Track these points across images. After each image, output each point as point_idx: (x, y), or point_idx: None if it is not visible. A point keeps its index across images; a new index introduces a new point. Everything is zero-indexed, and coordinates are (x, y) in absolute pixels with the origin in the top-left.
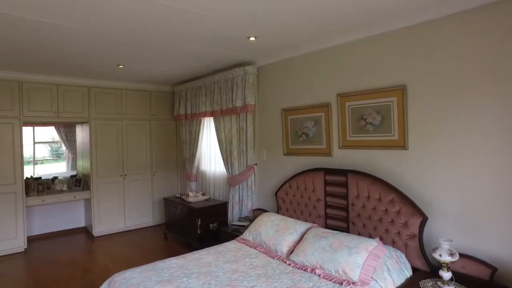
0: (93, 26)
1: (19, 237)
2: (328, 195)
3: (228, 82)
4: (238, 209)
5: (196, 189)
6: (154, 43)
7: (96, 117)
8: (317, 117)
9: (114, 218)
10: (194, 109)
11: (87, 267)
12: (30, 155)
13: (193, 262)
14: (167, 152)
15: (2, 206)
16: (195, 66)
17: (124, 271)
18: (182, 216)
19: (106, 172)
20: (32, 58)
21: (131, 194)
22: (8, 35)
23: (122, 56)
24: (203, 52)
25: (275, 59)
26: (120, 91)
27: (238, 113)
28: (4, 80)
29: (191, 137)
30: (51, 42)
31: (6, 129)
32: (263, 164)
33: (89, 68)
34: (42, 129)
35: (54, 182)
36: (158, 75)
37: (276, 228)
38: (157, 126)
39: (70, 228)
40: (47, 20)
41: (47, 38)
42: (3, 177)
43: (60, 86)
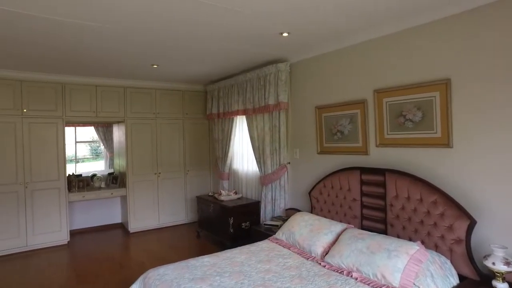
0: (127, 26)
1: (62, 231)
2: (364, 195)
3: (261, 80)
4: (271, 208)
5: (229, 187)
6: (186, 42)
7: (131, 116)
8: (352, 114)
9: (148, 215)
10: (226, 108)
11: (123, 262)
12: (72, 154)
13: (225, 261)
14: (200, 151)
15: (48, 200)
16: (227, 64)
17: (158, 267)
18: (214, 215)
19: (141, 170)
20: (74, 61)
21: (164, 192)
22: (52, 40)
23: (156, 56)
24: (235, 50)
25: (308, 55)
26: (154, 91)
27: (271, 111)
28: (49, 82)
29: (224, 135)
30: (90, 45)
31: (50, 129)
32: (296, 163)
33: (125, 69)
34: (83, 129)
35: (93, 179)
36: (191, 74)
37: (310, 228)
38: (190, 125)
39: (108, 223)
40: (87, 23)
41: (87, 41)
42: (48, 174)
43: (99, 86)
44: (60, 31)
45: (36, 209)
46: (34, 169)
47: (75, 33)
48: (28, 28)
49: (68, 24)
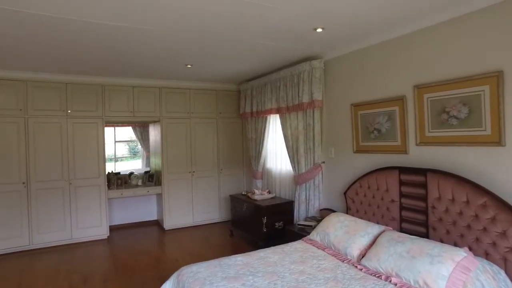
0: (164, 27)
1: (103, 226)
2: (403, 196)
3: (294, 78)
4: (305, 208)
5: (262, 187)
6: (220, 41)
7: (166, 116)
8: (390, 112)
9: (183, 213)
10: (259, 107)
11: (159, 258)
12: (112, 153)
13: (258, 260)
14: (233, 150)
15: (89, 197)
16: (260, 63)
17: (191, 265)
18: (247, 214)
19: (176, 168)
20: (113, 63)
21: (198, 191)
22: (93, 43)
23: (190, 55)
24: (268, 48)
25: (343, 51)
26: (189, 91)
27: (305, 110)
28: (91, 84)
29: (257, 134)
30: (129, 46)
31: (92, 128)
32: (331, 162)
33: (160, 69)
34: (122, 129)
35: (131, 177)
36: (224, 74)
37: (345, 229)
38: (223, 124)
39: (144, 220)
40: (125, 25)
41: (126, 43)
42: (90, 172)
43: (135, 87)
44: (101, 35)
45: (79, 204)
46: (77, 167)
47: (115, 36)
48: (71, 33)
49: (108, 27)
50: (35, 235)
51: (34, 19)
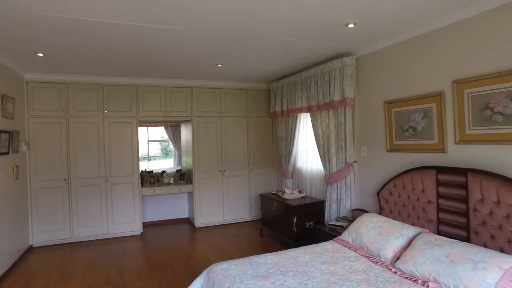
0: (194, 27)
1: (136, 222)
2: (441, 197)
3: (325, 76)
4: (336, 208)
5: (292, 186)
6: (250, 39)
7: (197, 115)
8: (426, 109)
9: (213, 211)
10: (290, 105)
11: (190, 255)
12: (145, 152)
13: (289, 260)
14: (263, 149)
15: (124, 194)
16: (291, 61)
17: (221, 262)
18: (278, 213)
19: (207, 167)
20: (147, 64)
21: (229, 189)
22: (128, 45)
23: (220, 55)
24: (298, 46)
25: (376, 47)
26: (219, 90)
27: (336, 108)
28: (125, 85)
29: (287, 133)
30: (162, 47)
31: (126, 128)
32: (363, 161)
33: (191, 69)
34: (154, 129)
35: (163, 175)
36: (254, 73)
37: (379, 230)
38: (254, 123)
39: (175, 218)
40: (158, 26)
41: (159, 43)
42: (125, 170)
43: (168, 87)
44: (135, 36)
45: (114, 201)
46: (113, 165)
47: (149, 37)
48: (107, 37)
49: (142, 29)
50: (76, 229)
51: (74, 24)
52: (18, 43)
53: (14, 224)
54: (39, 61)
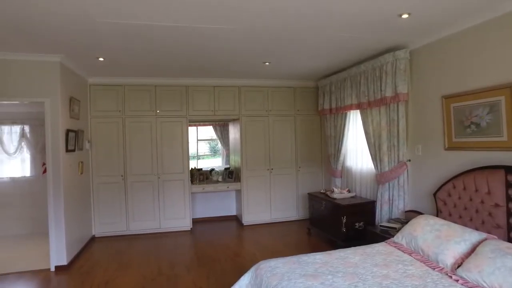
0: (243, 25)
1: (186, 218)
2: (511, 201)
3: (376, 71)
4: (388, 209)
5: (341, 185)
6: (299, 35)
7: (245, 114)
8: (493, 102)
9: (261, 209)
10: (339, 103)
11: (237, 251)
12: (194, 151)
13: (338, 260)
14: (311, 148)
15: (175, 190)
16: (340, 57)
17: (269, 260)
18: (326, 213)
19: (255, 165)
20: (196, 65)
21: (276, 188)
22: (180, 47)
23: (268, 53)
24: (348, 41)
25: (432, 38)
26: (267, 89)
27: (388, 104)
28: (176, 86)
29: (336, 131)
30: (211, 47)
31: (177, 127)
32: (418, 160)
33: (239, 68)
34: (203, 128)
35: (212, 173)
36: (302, 70)
37: (436, 234)
38: (301, 121)
39: (223, 215)
40: (208, 26)
41: (209, 43)
42: (176, 167)
43: (216, 87)
44: (185, 37)
45: (166, 197)
46: (165, 162)
47: (199, 37)
48: (160, 39)
49: (194, 30)
50: (131, 223)
51: (133, 29)
52: (83, 50)
53: (81, 215)
54: (100, 66)
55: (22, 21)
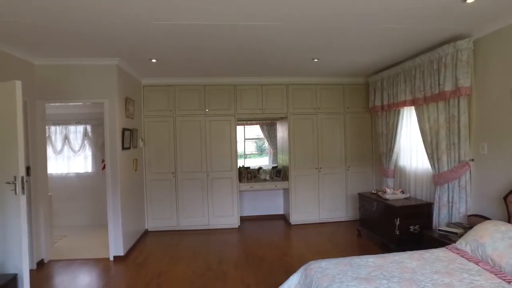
0: (290, 21)
1: (234, 216)
2: None
3: (433, 64)
4: (447, 212)
5: (394, 186)
6: (349, 29)
7: (293, 112)
8: None
9: (309, 209)
10: (391, 99)
11: (285, 251)
12: (242, 150)
13: (393, 264)
14: (361, 146)
15: (223, 188)
16: (393, 51)
17: (320, 260)
18: (377, 214)
19: (303, 164)
20: (244, 63)
21: (325, 187)
22: (227, 44)
23: (317, 48)
24: (403, 33)
25: (500, 25)
26: (315, 86)
27: (447, 99)
28: (224, 85)
29: (388, 129)
30: (259, 45)
31: (225, 125)
32: (483, 159)
33: (287, 65)
34: (250, 128)
35: (259, 171)
36: (352, 66)
37: (509, 242)
38: (351, 119)
39: (271, 214)
40: (256, 23)
41: (256, 41)
42: (224, 165)
43: (264, 85)
44: (233, 36)
45: (214, 195)
46: (214, 160)
47: (246, 35)
48: (211, 38)
49: (240, 28)
50: (181, 219)
51: (183, 29)
52: (138, 52)
53: (135, 209)
54: (153, 67)
55: (85, 29)
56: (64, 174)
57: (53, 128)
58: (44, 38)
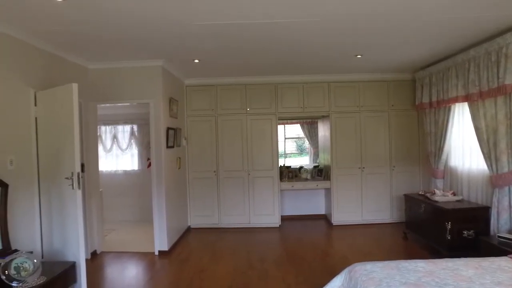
0: (330, 16)
1: (275, 215)
2: None
3: (491, 55)
4: (508, 217)
5: (444, 187)
6: (395, 22)
7: (335, 110)
8: None
9: (351, 209)
10: (441, 95)
11: (327, 252)
12: (282, 149)
13: (446, 271)
14: (407, 145)
15: (264, 187)
16: (443, 43)
17: (365, 263)
18: (426, 217)
19: (345, 164)
20: (285, 62)
21: (368, 188)
22: (268, 44)
23: (360, 43)
24: (455, 23)
25: None
26: (357, 84)
27: (508, 93)
28: (265, 84)
29: (437, 127)
30: (299, 42)
31: (266, 124)
32: None
33: (328, 63)
34: (290, 127)
35: (300, 171)
36: (397, 62)
37: None
38: (396, 117)
39: (312, 213)
40: (297, 20)
41: (296, 38)
42: (265, 164)
43: (305, 84)
44: (275, 34)
45: (256, 193)
46: (255, 159)
47: (287, 32)
48: (251, 36)
49: (281, 25)
50: (222, 216)
51: (225, 29)
52: (182, 53)
53: (179, 206)
54: (195, 67)
55: (135, 34)
56: (113, 171)
57: (103, 128)
58: (99, 45)
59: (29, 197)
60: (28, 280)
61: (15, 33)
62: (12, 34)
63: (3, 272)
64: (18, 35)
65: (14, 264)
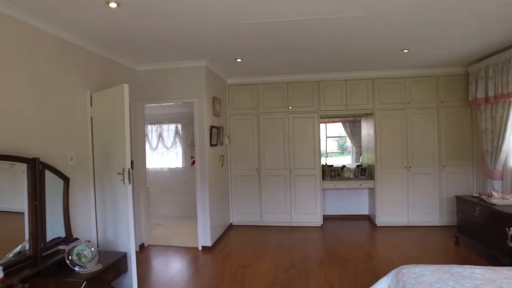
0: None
1: (317, 214)
2: None
3: None
4: None
5: (503, 189)
6: (446, 12)
7: (380, 107)
8: None
9: (397, 210)
10: (499, 90)
11: (370, 253)
12: (323, 148)
13: (508, 280)
14: (459, 144)
15: (306, 186)
16: (502, 32)
17: (413, 265)
18: (481, 220)
19: (390, 163)
20: (327, 59)
21: (415, 188)
22: (310, 41)
23: (408, 37)
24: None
25: None
26: (403, 80)
27: None
28: (306, 82)
29: (495, 124)
30: (343, 39)
31: (308, 122)
32: None
33: (372, 59)
34: (332, 126)
35: (343, 170)
36: (447, 55)
37: None
38: (446, 114)
39: (355, 214)
40: (344, 15)
41: (341, 35)
42: (307, 163)
43: (348, 81)
44: (316, 31)
45: (297, 192)
46: (296, 158)
47: (332, 28)
48: (292, 34)
49: (325, 22)
50: (264, 214)
51: (266, 27)
52: (224, 53)
53: (222, 203)
54: (237, 67)
55: (180, 38)
56: (158, 168)
57: (149, 127)
58: (147, 47)
59: (86, 190)
60: (88, 266)
61: (76, 40)
62: (73, 42)
63: (67, 257)
64: (78, 42)
65: (76, 251)
